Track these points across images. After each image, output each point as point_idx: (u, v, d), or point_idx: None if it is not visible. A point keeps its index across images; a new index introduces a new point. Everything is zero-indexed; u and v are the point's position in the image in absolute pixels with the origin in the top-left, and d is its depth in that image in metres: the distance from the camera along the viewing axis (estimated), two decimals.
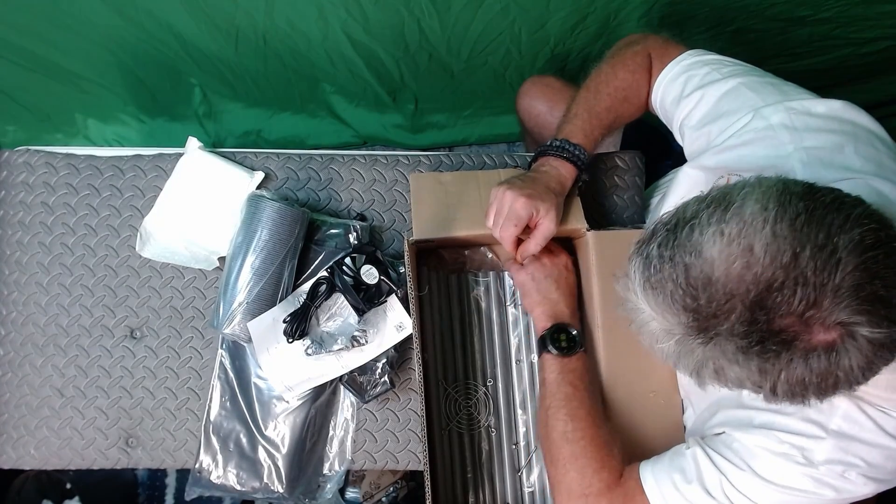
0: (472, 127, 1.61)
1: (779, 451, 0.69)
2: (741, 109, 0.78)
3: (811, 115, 0.72)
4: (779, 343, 0.52)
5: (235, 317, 0.98)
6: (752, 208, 0.53)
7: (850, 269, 0.50)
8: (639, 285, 0.57)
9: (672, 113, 0.90)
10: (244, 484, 1.03)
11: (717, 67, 0.85)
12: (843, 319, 0.50)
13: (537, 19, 1.17)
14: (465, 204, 0.98)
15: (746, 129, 0.75)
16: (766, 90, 0.78)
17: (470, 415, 1.02)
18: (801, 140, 0.70)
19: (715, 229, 0.53)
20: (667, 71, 0.91)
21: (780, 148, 0.71)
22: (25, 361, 1.08)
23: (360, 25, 1.18)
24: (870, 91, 1.29)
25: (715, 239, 0.53)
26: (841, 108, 0.72)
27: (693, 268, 0.53)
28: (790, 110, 0.73)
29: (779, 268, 0.50)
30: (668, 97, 0.91)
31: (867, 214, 0.52)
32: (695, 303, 0.53)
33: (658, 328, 0.57)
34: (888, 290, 0.50)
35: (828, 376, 0.52)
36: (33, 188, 1.09)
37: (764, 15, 1.11)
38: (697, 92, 0.85)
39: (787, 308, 0.51)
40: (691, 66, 0.88)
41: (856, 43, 1.13)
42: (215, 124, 1.54)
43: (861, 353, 0.51)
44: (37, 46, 1.21)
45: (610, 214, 1.08)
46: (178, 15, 1.16)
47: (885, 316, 0.50)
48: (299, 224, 1.01)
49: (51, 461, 1.07)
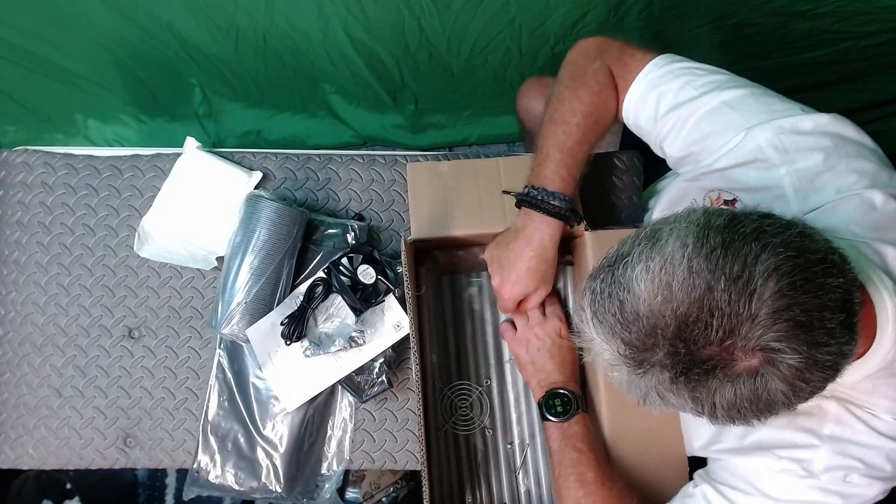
0: (472, 127, 1.61)
1: (779, 468, 0.69)
2: (727, 131, 0.76)
3: (799, 133, 0.71)
4: (701, 372, 0.53)
5: (234, 317, 0.98)
6: (673, 245, 0.55)
7: (767, 297, 0.51)
8: (589, 317, 0.60)
9: (649, 132, 0.86)
10: (242, 484, 1.03)
11: (689, 81, 0.80)
12: (763, 345, 0.52)
13: (537, 17, 1.17)
14: (463, 200, 0.98)
15: (736, 151, 0.74)
16: (750, 107, 0.76)
17: (466, 415, 1.02)
18: (792, 162, 0.70)
19: (643, 266, 0.55)
20: (634, 87, 0.85)
21: (772, 171, 0.71)
22: (23, 361, 1.08)
23: (361, 24, 1.18)
24: (870, 91, 1.28)
25: (641, 276, 0.55)
26: (829, 122, 0.71)
27: (626, 303, 0.56)
28: (779, 130, 0.72)
29: (694, 302, 0.52)
30: (640, 117, 0.86)
31: (786, 243, 0.53)
32: (629, 336, 0.56)
33: (609, 358, 0.59)
34: (808, 316, 0.51)
35: (758, 400, 0.54)
36: (31, 188, 1.10)
37: (764, 9, 1.10)
38: (674, 113, 0.80)
39: (706, 339, 0.52)
40: (661, 80, 0.82)
41: (856, 36, 1.13)
42: (215, 124, 1.54)
43: (783, 377, 0.52)
44: (37, 47, 1.21)
45: (608, 214, 1.07)
46: (178, 14, 1.16)
47: (806, 340, 0.52)
48: (297, 224, 1.01)
49: (49, 461, 1.07)
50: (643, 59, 0.85)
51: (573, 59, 0.89)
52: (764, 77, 1.29)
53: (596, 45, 0.88)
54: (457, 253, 1.06)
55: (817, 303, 0.52)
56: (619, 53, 0.86)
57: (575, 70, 0.88)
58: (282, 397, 1.01)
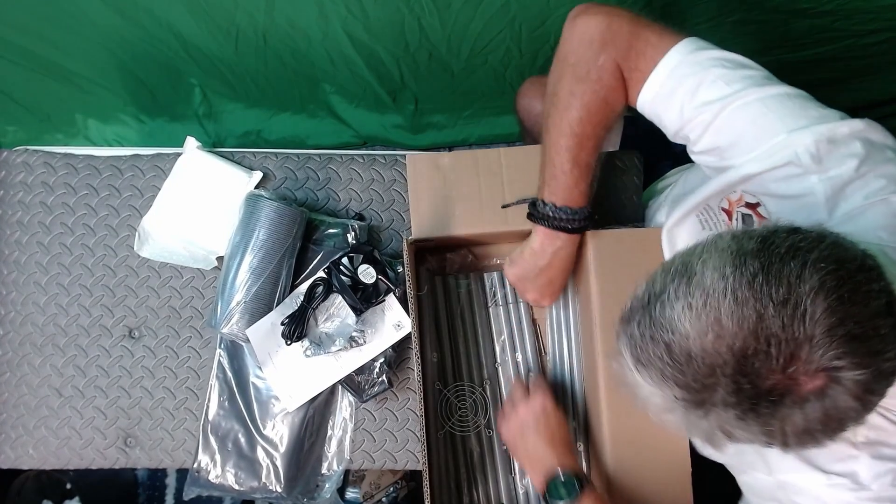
0: (472, 127, 1.61)
1: (829, 483, 0.68)
2: (762, 134, 0.71)
3: (836, 140, 0.68)
4: (769, 403, 0.52)
5: (233, 316, 0.98)
6: (712, 277, 0.53)
7: (819, 317, 0.50)
8: (632, 364, 0.58)
9: (670, 125, 0.81)
10: (242, 483, 1.03)
11: (722, 75, 0.73)
12: (825, 365, 0.50)
13: (538, 16, 1.16)
14: (464, 196, 0.98)
15: (769, 155, 0.70)
16: (788, 110, 0.71)
17: (464, 416, 1.02)
18: (826, 170, 0.67)
19: (683, 304, 0.53)
20: (654, 80, 0.77)
21: (804, 179, 0.68)
22: (24, 361, 1.08)
23: (361, 23, 1.18)
24: (870, 90, 1.28)
25: (685, 314, 0.53)
26: (864, 128, 0.68)
27: (673, 345, 0.53)
28: (817, 137, 0.67)
29: (748, 334, 0.51)
30: (663, 113, 0.79)
31: (824, 257, 0.52)
32: (684, 379, 0.53)
33: (661, 402, 0.57)
34: (862, 327, 0.51)
35: (829, 420, 0.53)
36: (32, 188, 1.10)
37: (765, 6, 1.10)
38: (705, 109, 0.74)
39: (768, 369, 0.51)
40: (688, 73, 0.75)
41: (856, 35, 1.13)
42: (215, 124, 1.54)
43: (851, 393, 0.51)
44: (37, 46, 1.21)
45: (608, 214, 1.07)
46: (178, 14, 1.15)
47: (865, 352, 0.51)
48: (297, 223, 1.01)
49: (49, 461, 1.07)
50: (660, 45, 0.76)
51: (575, 50, 0.80)
52: None
53: (600, 32, 0.78)
54: (458, 252, 1.06)
55: (867, 312, 0.51)
56: (630, 41, 0.77)
57: (578, 68, 0.80)
58: (282, 397, 1.01)
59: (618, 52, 0.78)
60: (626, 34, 0.78)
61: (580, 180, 0.84)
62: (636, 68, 0.78)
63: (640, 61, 0.77)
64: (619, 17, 0.78)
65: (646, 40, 0.77)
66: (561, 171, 0.84)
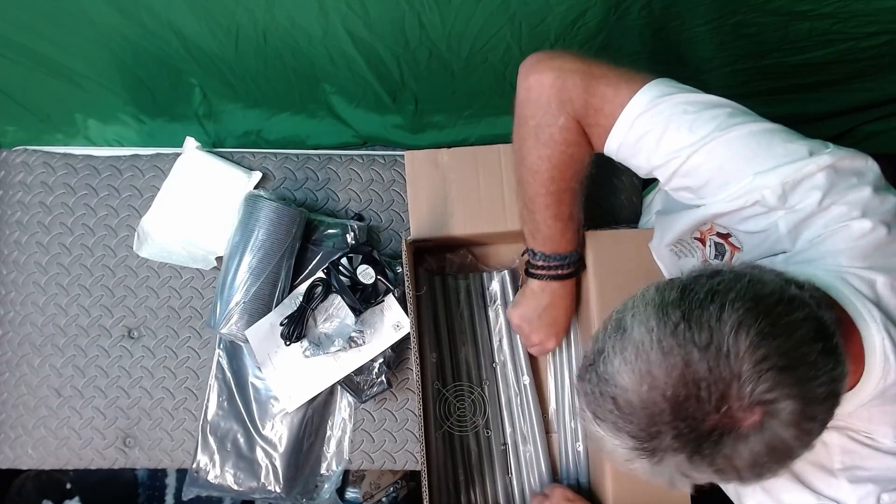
0: (472, 127, 1.60)
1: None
2: (730, 179, 0.70)
3: (801, 179, 0.68)
4: (711, 444, 0.53)
5: (232, 316, 0.98)
6: (639, 330, 0.55)
7: (743, 354, 0.51)
8: (591, 418, 0.59)
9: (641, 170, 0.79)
10: (241, 484, 1.03)
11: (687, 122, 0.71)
12: (758, 399, 0.52)
13: (537, 13, 1.16)
14: (463, 195, 0.98)
15: (736, 198, 0.70)
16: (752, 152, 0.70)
17: (463, 416, 1.02)
18: (791, 206, 0.68)
19: (619, 359, 0.55)
20: (617, 133, 0.75)
21: (769, 216, 0.70)
22: (23, 361, 1.08)
23: (361, 20, 1.18)
24: (870, 90, 1.28)
25: (622, 368, 0.55)
26: (829, 160, 0.67)
27: (618, 398, 0.55)
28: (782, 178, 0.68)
29: (678, 381, 0.52)
30: (630, 160, 0.78)
31: (741, 296, 0.53)
32: (634, 428, 0.55)
33: (622, 453, 0.58)
34: (787, 357, 0.52)
35: (774, 451, 0.54)
36: (31, 188, 1.10)
37: (765, 9, 1.10)
38: (672, 158, 0.72)
39: (703, 412, 0.52)
40: (651, 124, 0.73)
41: (856, 37, 1.13)
42: (215, 124, 1.54)
43: (789, 422, 0.52)
44: (37, 44, 1.20)
45: (607, 215, 1.07)
46: (179, 11, 1.15)
47: (795, 381, 0.52)
48: (296, 224, 1.01)
49: (48, 461, 1.07)
50: (616, 99, 0.74)
51: (533, 113, 0.79)
52: (764, 77, 1.29)
53: (555, 92, 0.77)
54: (457, 253, 1.06)
55: (791, 342, 0.52)
56: (585, 99, 0.76)
57: (540, 132, 0.79)
58: (281, 398, 1.01)
59: (575, 110, 0.77)
60: (581, 92, 0.76)
61: (566, 230, 0.87)
62: (596, 124, 0.77)
63: (600, 118, 0.76)
64: (571, 73, 0.76)
65: (601, 96, 0.75)
66: (545, 226, 0.86)
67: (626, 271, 0.91)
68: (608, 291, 0.91)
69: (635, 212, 1.08)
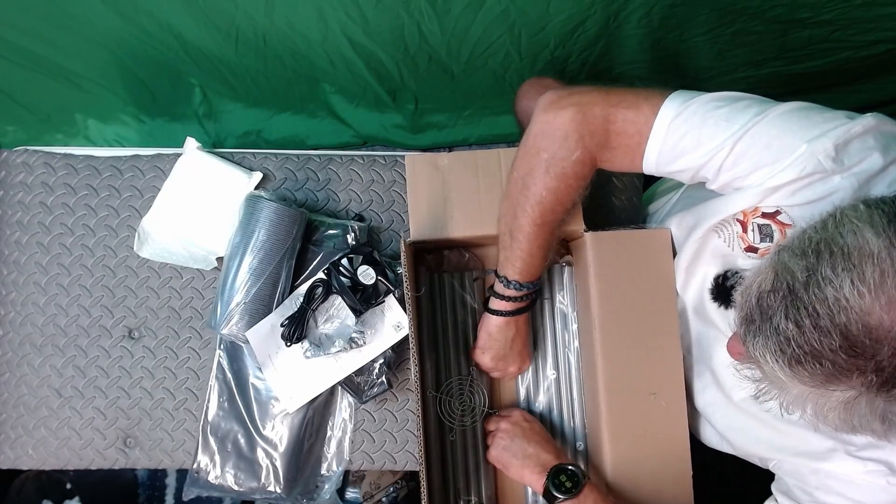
0: (472, 127, 1.61)
1: (865, 469, 0.69)
2: (782, 153, 0.69)
3: (852, 140, 0.68)
4: None
5: (233, 317, 0.98)
6: (873, 241, 0.51)
7: None
8: (784, 366, 0.54)
9: (685, 177, 0.80)
10: (242, 484, 1.03)
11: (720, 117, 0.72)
12: None
13: (537, 22, 1.16)
14: (463, 198, 0.98)
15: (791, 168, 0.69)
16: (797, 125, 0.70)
17: (462, 416, 1.02)
18: (848, 168, 0.67)
19: (851, 278, 0.50)
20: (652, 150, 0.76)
21: (828, 181, 0.68)
22: (23, 361, 1.08)
23: (360, 28, 1.18)
24: (870, 91, 1.29)
25: (856, 289, 0.50)
26: (875, 123, 0.68)
27: (851, 325, 0.50)
28: (835, 141, 0.67)
29: None
30: (673, 171, 0.78)
31: None
32: (871, 361, 0.50)
33: (820, 401, 0.54)
34: None
35: None
36: (31, 188, 1.10)
37: (764, 17, 1.10)
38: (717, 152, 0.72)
39: None
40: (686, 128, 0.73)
41: (855, 46, 1.13)
42: (215, 124, 1.54)
43: None
44: (37, 46, 1.21)
45: (607, 216, 1.08)
46: (178, 15, 1.15)
47: None
48: (297, 224, 1.01)
49: (48, 461, 1.07)
50: (638, 118, 0.75)
51: (547, 146, 0.79)
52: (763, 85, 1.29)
53: (575, 126, 0.77)
54: (458, 252, 1.06)
55: None
56: (606, 127, 0.76)
57: (552, 164, 0.79)
58: (282, 398, 1.02)
59: (595, 142, 0.77)
60: (601, 122, 0.76)
61: (544, 259, 0.88)
62: (619, 145, 0.77)
63: (623, 138, 0.77)
64: (590, 105, 0.77)
65: (623, 120, 0.76)
66: (529, 255, 0.86)
67: (626, 271, 0.91)
68: (608, 291, 0.91)
69: (635, 212, 1.08)
